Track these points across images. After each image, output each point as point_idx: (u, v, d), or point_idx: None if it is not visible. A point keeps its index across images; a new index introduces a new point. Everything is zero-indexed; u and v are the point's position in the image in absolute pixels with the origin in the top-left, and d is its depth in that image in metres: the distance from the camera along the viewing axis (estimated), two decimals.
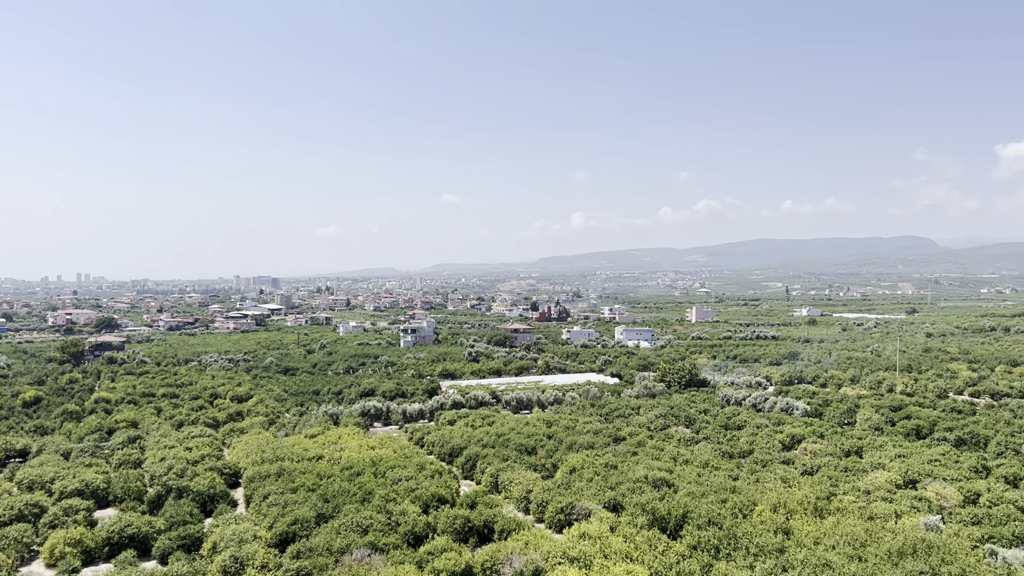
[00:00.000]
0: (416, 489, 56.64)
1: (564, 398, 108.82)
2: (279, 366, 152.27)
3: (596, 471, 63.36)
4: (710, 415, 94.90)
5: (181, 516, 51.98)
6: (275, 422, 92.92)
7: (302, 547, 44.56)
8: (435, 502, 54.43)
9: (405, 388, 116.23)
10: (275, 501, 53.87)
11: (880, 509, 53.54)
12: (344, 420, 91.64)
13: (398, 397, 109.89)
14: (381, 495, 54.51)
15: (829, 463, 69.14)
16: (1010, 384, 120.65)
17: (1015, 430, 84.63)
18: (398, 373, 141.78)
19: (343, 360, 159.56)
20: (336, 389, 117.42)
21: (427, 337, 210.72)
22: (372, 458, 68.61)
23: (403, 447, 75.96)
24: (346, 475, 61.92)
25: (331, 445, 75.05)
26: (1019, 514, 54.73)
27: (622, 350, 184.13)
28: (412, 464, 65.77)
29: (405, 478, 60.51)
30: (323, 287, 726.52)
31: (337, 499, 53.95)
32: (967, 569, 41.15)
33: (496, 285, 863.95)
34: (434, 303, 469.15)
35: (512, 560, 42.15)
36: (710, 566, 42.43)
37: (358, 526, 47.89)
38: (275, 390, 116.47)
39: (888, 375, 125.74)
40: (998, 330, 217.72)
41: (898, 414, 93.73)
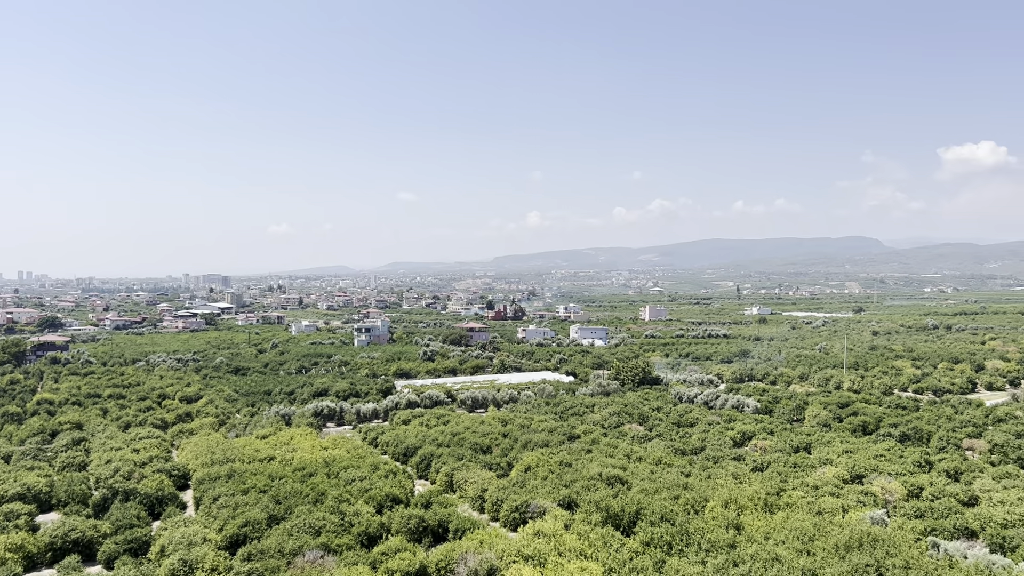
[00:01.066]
0: (370, 489, 56.20)
1: (519, 397, 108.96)
2: (230, 366, 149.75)
3: (551, 469, 63.58)
4: (663, 412, 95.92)
5: (128, 519, 50.81)
6: (225, 423, 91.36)
7: (253, 549, 43.90)
8: (389, 502, 54.07)
9: (359, 388, 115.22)
10: (226, 503, 52.98)
11: (828, 504, 54.72)
12: (296, 420, 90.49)
13: (352, 397, 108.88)
14: (334, 496, 53.98)
15: (779, 459, 70.41)
16: (952, 381, 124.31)
17: (956, 426, 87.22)
18: (352, 373, 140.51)
19: (295, 360, 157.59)
20: (288, 389, 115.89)
21: (381, 336, 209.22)
22: (325, 459, 67.90)
23: (357, 447, 75.32)
24: (298, 476, 61.18)
25: (283, 446, 74.06)
26: (960, 507, 56.44)
27: (577, 348, 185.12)
28: (366, 464, 65.26)
29: (359, 478, 60.02)
30: (275, 285, 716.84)
31: (289, 500, 53.28)
32: (910, 561, 42.26)
33: (452, 284, 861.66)
34: (389, 302, 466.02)
35: (467, 559, 42.08)
36: (663, 562, 42.89)
37: (311, 527, 47.34)
38: (225, 390, 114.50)
39: (836, 372, 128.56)
40: (940, 328, 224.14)
41: (845, 411, 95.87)
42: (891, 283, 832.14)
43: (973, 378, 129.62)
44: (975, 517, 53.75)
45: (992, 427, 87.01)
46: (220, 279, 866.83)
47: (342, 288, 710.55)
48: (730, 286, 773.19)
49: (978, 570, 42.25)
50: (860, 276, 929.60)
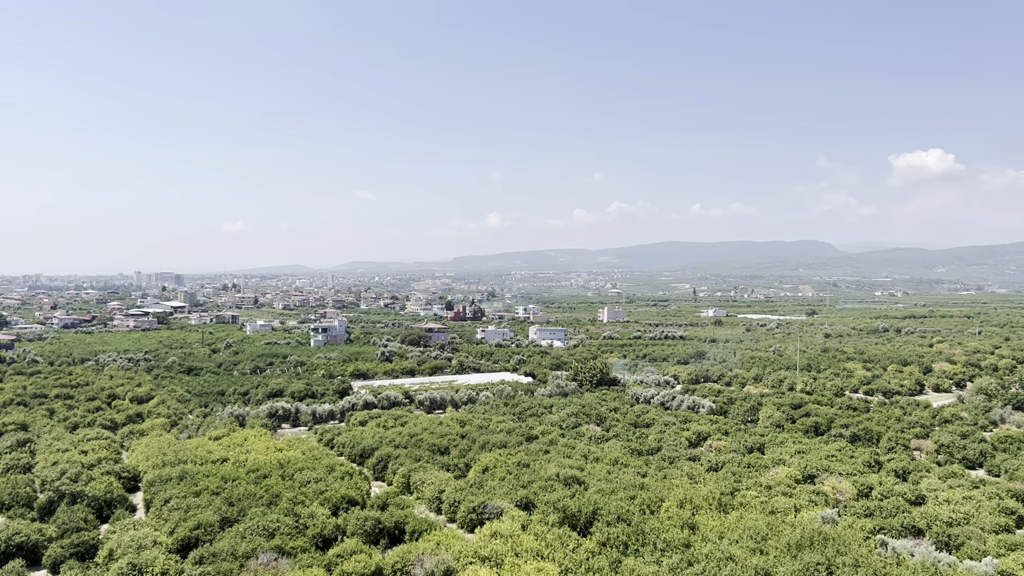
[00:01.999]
0: (325, 491, 55.66)
1: (478, 397, 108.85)
2: (182, 366, 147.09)
3: (509, 470, 63.60)
4: (620, 413, 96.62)
5: (75, 523, 49.53)
6: (177, 424, 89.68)
7: (205, 552, 43.14)
8: (345, 504, 53.60)
9: (315, 388, 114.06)
10: (177, 505, 51.99)
11: (781, 503, 55.62)
12: (251, 421, 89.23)
13: (308, 398, 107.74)
14: (289, 498, 53.32)
15: (733, 459, 71.37)
16: (901, 383, 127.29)
17: (905, 426, 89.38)
18: (308, 373, 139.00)
19: (250, 360, 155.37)
20: (243, 389, 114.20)
21: (339, 336, 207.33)
22: (280, 460, 67.08)
23: (312, 449, 74.54)
24: (252, 478, 60.32)
25: (237, 447, 72.96)
26: (907, 506, 57.84)
27: (536, 349, 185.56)
28: (321, 466, 64.60)
29: (314, 480, 59.40)
30: (230, 284, 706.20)
31: (243, 502, 52.46)
32: (860, 559, 43.15)
33: (411, 284, 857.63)
34: (346, 302, 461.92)
35: (423, 561, 41.88)
36: (619, 562, 43.16)
37: (264, 529, 46.68)
38: (178, 391, 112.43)
39: (789, 374, 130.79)
40: (890, 331, 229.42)
41: (798, 411, 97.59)
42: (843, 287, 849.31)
43: (921, 380, 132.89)
44: (922, 516, 55.10)
45: (939, 428, 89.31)
46: (173, 277, 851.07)
47: (299, 287, 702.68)
48: (687, 288, 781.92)
49: (924, 568, 43.27)
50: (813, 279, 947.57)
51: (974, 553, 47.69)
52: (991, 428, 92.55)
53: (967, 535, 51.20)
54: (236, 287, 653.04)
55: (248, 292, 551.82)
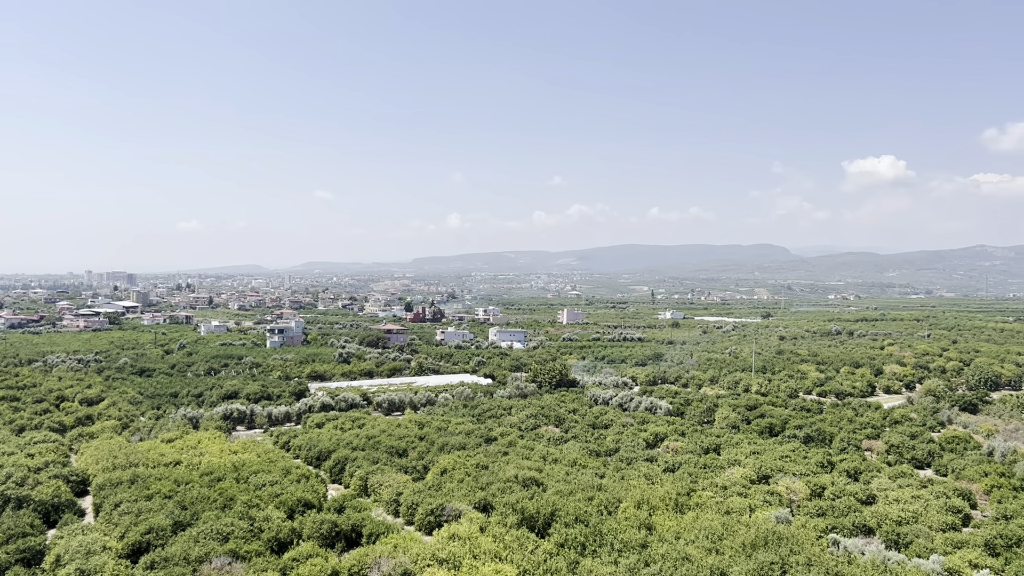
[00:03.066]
0: (281, 494, 54.99)
1: (437, 399, 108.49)
2: (134, 367, 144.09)
3: (467, 472, 63.49)
4: (579, 415, 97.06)
5: (20, 528, 48.19)
6: (129, 426, 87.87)
7: (157, 557, 42.34)
8: (301, 507, 53.01)
9: (271, 390, 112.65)
10: (128, 509, 50.91)
11: (736, 503, 56.37)
12: (205, 423, 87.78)
13: (263, 399, 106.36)
14: (243, 501, 52.55)
15: (690, 460, 72.15)
16: (853, 384, 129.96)
17: (856, 427, 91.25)
18: (264, 375, 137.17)
19: (204, 361, 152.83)
20: (196, 391, 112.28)
21: (295, 337, 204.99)
22: (234, 463, 66.09)
23: (268, 451, 73.70)
24: (206, 481, 59.36)
25: (190, 450, 71.74)
26: (859, 505, 59.07)
27: (495, 351, 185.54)
28: (277, 468, 63.84)
29: (269, 483, 58.64)
30: (184, 284, 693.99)
31: (196, 506, 51.60)
32: (812, 558, 43.95)
33: (369, 285, 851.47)
34: (303, 302, 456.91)
35: (380, 564, 41.58)
36: (577, 563, 43.34)
37: (218, 533, 45.94)
38: (129, 392, 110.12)
39: (744, 376, 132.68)
40: (843, 334, 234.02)
41: (753, 413, 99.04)
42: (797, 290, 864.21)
43: (873, 382, 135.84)
44: (872, 515, 56.30)
45: (889, 429, 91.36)
46: (125, 277, 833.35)
47: (255, 288, 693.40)
48: (645, 291, 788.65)
49: (874, 566, 44.23)
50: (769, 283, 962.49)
51: (922, 551, 48.88)
52: (939, 429, 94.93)
53: (916, 533, 52.44)
54: (190, 287, 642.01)
55: (203, 292, 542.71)
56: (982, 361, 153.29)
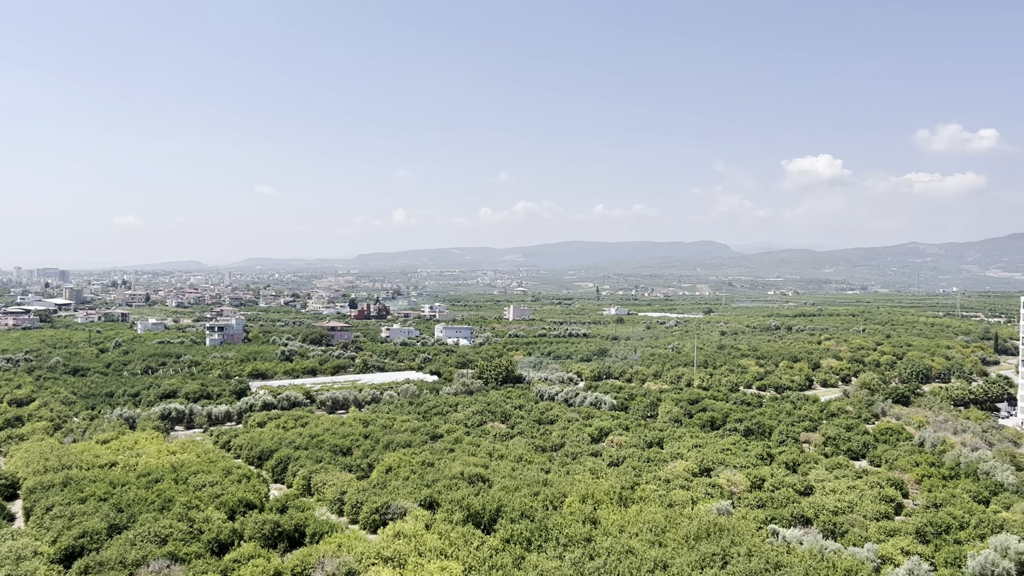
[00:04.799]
0: (222, 495, 54.00)
1: (382, 397, 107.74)
2: (67, 366, 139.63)
3: (413, 469, 63.25)
4: (525, 410, 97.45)
5: None
6: (62, 427, 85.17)
7: (91, 561, 41.14)
8: (242, 508, 52.11)
9: (211, 389, 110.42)
10: (60, 513, 49.37)
11: (678, 496, 57.26)
12: (142, 424, 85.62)
13: (203, 399, 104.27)
14: (183, 502, 51.42)
15: (633, 454, 73.07)
16: (791, 378, 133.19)
17: (795, 420, 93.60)
18: (203, 373, 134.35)
19: (141, 360, 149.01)
20: (133, 391, 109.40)
21: (236, 335, 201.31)
22: (173, 463, 64.70)
23: (208, 451, 72.34)
24: (143, 482, 57.95)
25: (126, 451, 69.91)
26: (797, 496, 60.58)
27: (442, 348, 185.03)
28: (218, 469, 62.69)
29: (209, 484, 57.53)
30: (119, 281, 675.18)
31: (133, 508, 50.31)
32: (753, 549, 44.92)
33: (312, 281, 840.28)
34: (244, 299, 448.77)
35: (324, 563, 41.13)
36: (522, 558, 43.51)
37: (156, 536, 44.87)
38: (62, 392, 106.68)
39: (687, 370, 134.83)
40: (782, 329, 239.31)
41: (695, 407, 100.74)
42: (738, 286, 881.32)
43: (810, 375, 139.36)
44: (810, 505, 57.80)
45: (826, 421, 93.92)
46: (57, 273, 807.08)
47: (194, 284, 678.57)
48: (590, 287, 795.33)
49: (812, 555, 45.41)
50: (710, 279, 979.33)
51: (857, 540, 50.38)
52: (873, 421, 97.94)
53: (851, 523, 54.02)
54: (126, 284, 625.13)
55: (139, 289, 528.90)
56: (914, 355, 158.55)
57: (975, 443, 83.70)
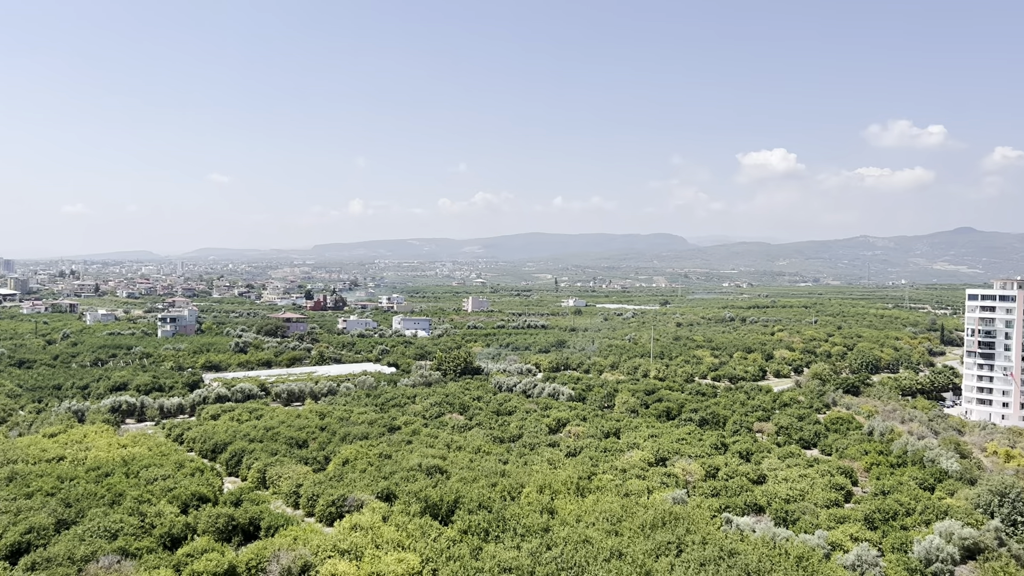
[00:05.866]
0: (174, 488, 53.13)
1: (339, 389, 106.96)
2: (12, 358, 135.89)
3: (370, 461, 62.94)
4: (483, 402, 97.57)
5: None
6: (7, 420, 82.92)
7: (38, 557, 40.17)
8: (196, 501, 51.36)
9: (163, 381, 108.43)
10: (6, 508, 48.04)
11: (635, 486, 57.88)
12: (91, 417, 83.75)
13: (155, 391, 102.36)
14: (134, 496, 50.48)
15: (591, 444, 73.65)
16: (745, 369, 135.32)
17: (748, 410, 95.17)
18: (155, 365, 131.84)
19: (91, 351, 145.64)
20: (82, 383, 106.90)
21: (189, 326, 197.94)
22: (124, 457, 63.49)
23: (160, 444, 71.13)
24: (93, 476, 56.73)
25: (75, 444, 68.35)
26: (750, 485, 61.68)
27: (400, 339, 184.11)
28: (170, 462, 61.68)
29: (162, 477, 56.58)
30: (68, 271, 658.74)
31: (82, 503, 49.24)
32: (707, 537, 45.62)
33: (268, 272, 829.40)
34: (197, 290, 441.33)
35: (279, 557, 40.73)
36: (480, 548, 43.61)
37: (106, 531, 44.00)
38: (7, 385, 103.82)
39: (643, 361, 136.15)
40: (736, 320, 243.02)
41: (651, 397, 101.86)
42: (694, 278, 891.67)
43: (764, 366, 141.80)
44: (763, 494, 58.93)
45: (779, 411, 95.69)
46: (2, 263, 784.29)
47: (145, 275, 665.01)
48: (548, 279, 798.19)
49: (764, 542, 46.30)
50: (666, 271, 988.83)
51: (808, 527, 51.49)
52: (824, 410, 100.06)
53: (802, 511, 55.19)
54: (75, 274, 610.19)
55: (89, 279, 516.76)
56: (864, 346, 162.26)
57: (922, 432, 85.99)
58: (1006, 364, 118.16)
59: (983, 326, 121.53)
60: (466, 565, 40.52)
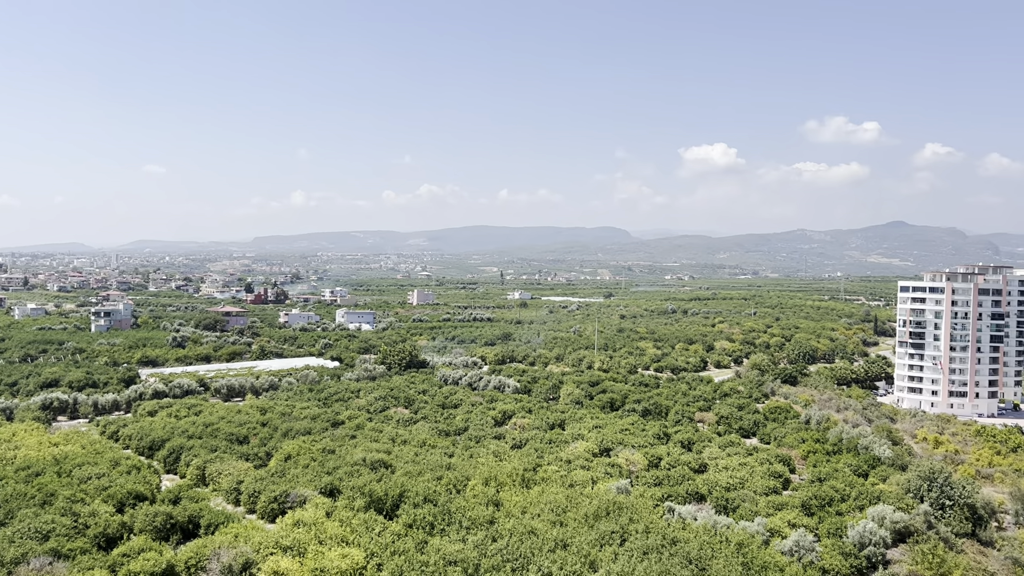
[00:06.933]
0: (109, 487, 51.67)
1: (281, 383, 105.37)
2: None
3: (313, 457, 62.20)
4: (429, 395, 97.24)
5: None
6: None
7: None
8: (132, 500, 50.04)
9: (97, 377, 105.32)
10: None
11: (579, 477, 58.38)
12: (20, 415, 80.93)
13: (88, 387, 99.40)
14: (66, 496, 48.92)
15: (536, 436, 74.04)
16: (687, 360, 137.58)
17: (690, 400, 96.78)
18: (88, 361, 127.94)
19: (19, 347, 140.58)
20: (10, 380, 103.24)
21: (124, 321, 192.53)
22: (55, 456, 61.51)
23: (94, 442, 69.20)
24: (22, 476, 54.78)
25: (3, 443, 66.00)
26: (692, 474, 62.75)
27: (343, 333, 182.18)
28: (105, 460, 59.98)
29: (96, 476, 54.96)
30: None
31: (11, 504, 47.53)
32: (650, 526, 46.27)
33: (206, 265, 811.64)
34: (133, 284, 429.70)
35: (220, 554, 39.96)
36: (425, 542, 43.47)
37: (37, 532, 42.57)
38: None
39: (588, 353, 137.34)
40: (678, 312, 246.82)
41: (596, 388, 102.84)
42: (637, 271, 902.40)
43: (705, 357, 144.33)
44: (704, 482, 60.01)
45: (719, 401, 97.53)
46: None
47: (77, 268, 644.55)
48: (495, 272, 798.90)
49: (706, 530, 47.18)
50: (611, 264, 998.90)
51: (748, 514, 52.63)
52: (764, 400, 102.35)
53: (742, 498, 56.38)
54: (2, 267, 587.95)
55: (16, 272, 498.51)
56: (801, 337, 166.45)
57: (856, 420, 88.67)
58: (935, 354, 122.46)
59: (914, 317, 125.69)
60: (411, 559, 40.35)
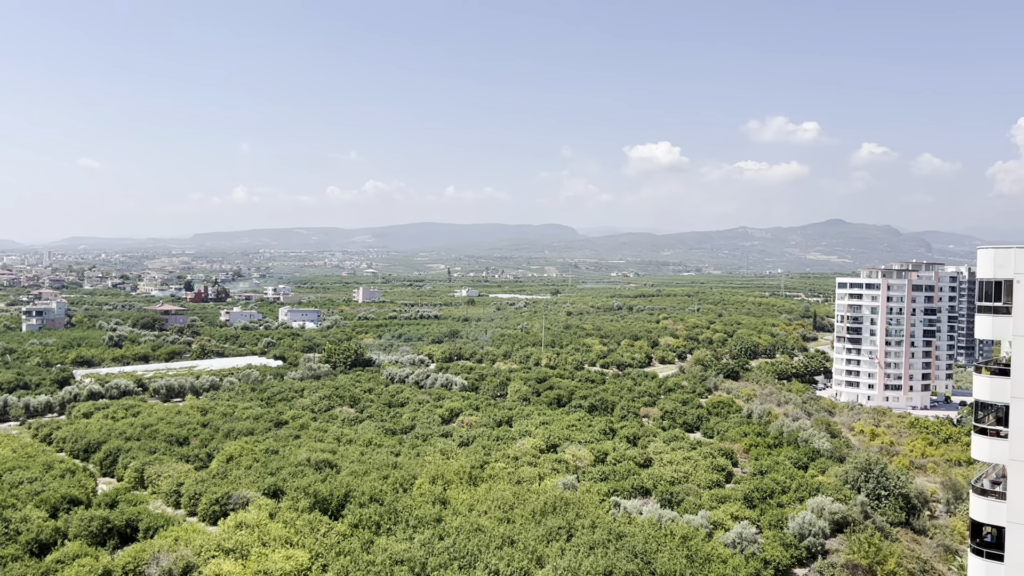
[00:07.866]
0: (42, 492, 49.97)
1: (222, 383, 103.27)
2: None
3: (256, 457, 61.10)
4: (375, 394, 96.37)
5: None
6: None
7: None
8: (66, 504, 48.48)
9: (29, 378, 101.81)
10: None
11: (526, 473, 58.52)
12: None
13: (19, 389, 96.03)
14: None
15: (483, 433, 73.97)
16: (632, 356, 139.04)
17: (635, 396, 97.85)
18: (19, 362, 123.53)
19: None
20: None
21: (58, 320, 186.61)
22: None
23: (25, 446, 66.91)
24: None
25: None
26: (637, 469, 63.47)
27: (287, 331, 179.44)
28: (37, 464, 58.01)
29: (28, 480, 53.10)
30: None
31: None
32: (596, 520, 46.66)
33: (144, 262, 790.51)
34: (66, 281, 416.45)
35: (159, 559, 38.98)
36: (371, 542, 43.06)
37: None
38: None
39: (535, 350, 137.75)
40: (624, 309, 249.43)
41: (543, 385, 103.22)
42: (584, 268, 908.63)
43: (650, 353, 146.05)
44: (649, 477, 60.72)
45: (664, 396, 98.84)
46: None
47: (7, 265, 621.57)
48: (442, 269, 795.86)
49: (651, 524, 47.75)
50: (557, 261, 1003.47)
51: (692, 508, 53.43)
52: (707, 395, 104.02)
53: (686, 492, 57.22)
54: None
55: None
56: (743, 332, 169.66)
57: (796, 413, 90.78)
58: (872, 348, 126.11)
59: (852, 312, 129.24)
60: (357, 559, 39.94)
